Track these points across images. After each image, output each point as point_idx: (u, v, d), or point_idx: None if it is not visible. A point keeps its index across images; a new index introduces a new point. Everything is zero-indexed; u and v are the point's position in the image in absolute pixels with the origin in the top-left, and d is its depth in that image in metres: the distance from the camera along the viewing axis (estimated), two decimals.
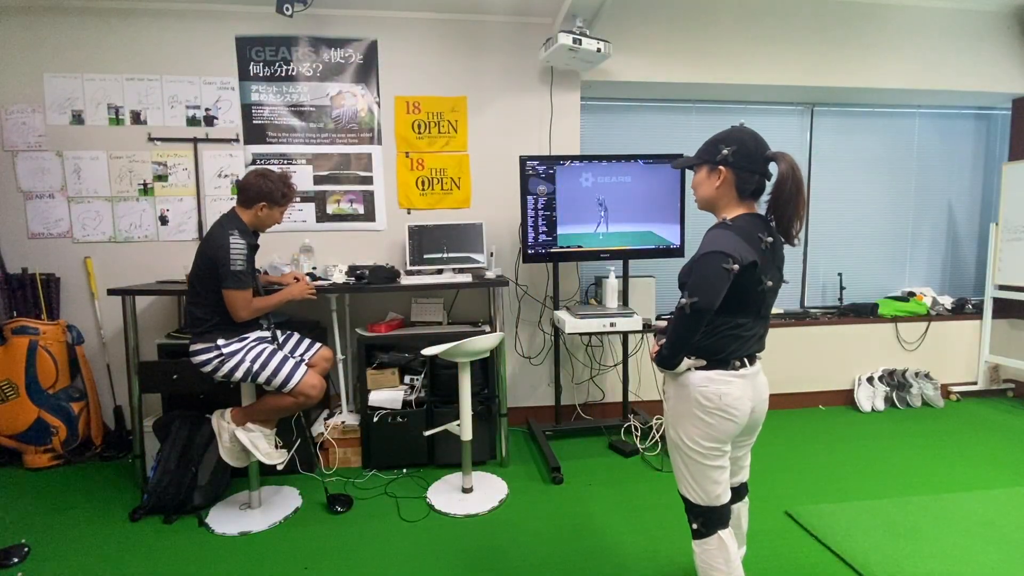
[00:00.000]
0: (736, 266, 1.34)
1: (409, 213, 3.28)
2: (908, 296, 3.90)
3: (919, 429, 3.34)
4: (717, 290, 1.35)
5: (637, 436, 3.08)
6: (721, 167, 1.46)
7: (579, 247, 2.99)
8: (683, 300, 1.38)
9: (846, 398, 3.81)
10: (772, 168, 1.46)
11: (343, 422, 2.91)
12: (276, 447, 2.36)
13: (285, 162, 3.15)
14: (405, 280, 2.86)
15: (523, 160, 2.89)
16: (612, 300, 2.97)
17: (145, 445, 2.65)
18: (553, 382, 3.37)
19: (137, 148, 3.05)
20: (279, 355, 2.26)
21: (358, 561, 2.08)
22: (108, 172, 3.04)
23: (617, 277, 3.03)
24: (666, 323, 1.61)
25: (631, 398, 3.42)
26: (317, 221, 3.21)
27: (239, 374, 2.20)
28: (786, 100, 3.75)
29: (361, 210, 3.24)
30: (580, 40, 2.84)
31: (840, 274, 3.92)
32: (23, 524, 2.36)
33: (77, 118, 3.00)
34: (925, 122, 3.94)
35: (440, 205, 3.30)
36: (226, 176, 3.12)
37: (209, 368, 2.20)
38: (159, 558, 2.11)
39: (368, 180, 3.23)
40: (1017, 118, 3.84)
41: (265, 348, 2.26)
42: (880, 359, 3.82)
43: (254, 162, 3.13)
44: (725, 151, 1.45)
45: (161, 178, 3.07)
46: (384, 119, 3.21)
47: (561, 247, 2.98)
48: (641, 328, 2.79)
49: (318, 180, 3.19)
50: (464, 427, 2.50)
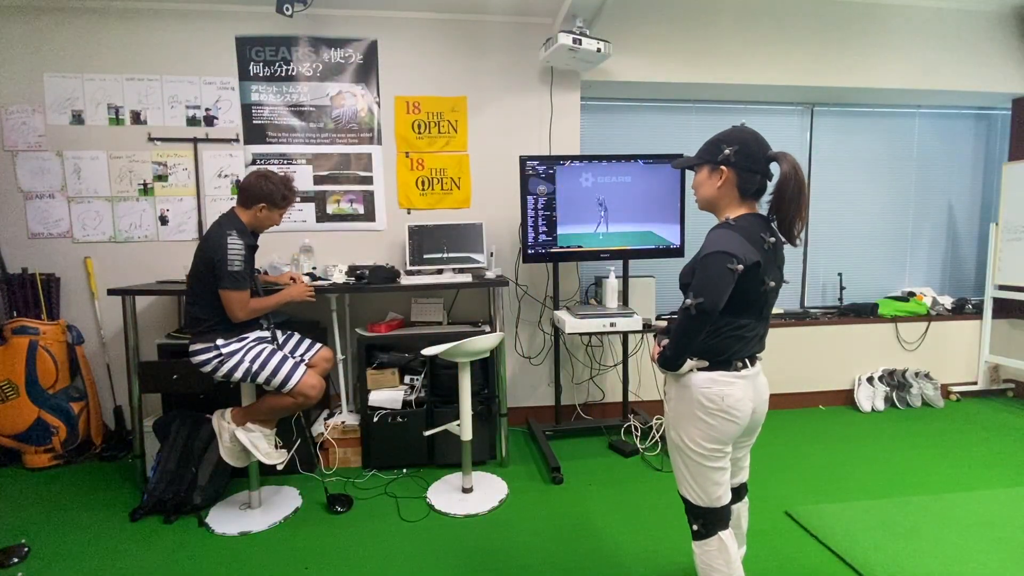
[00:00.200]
0: (740, 266, 1.33)
1: (409, 213, 3.28)
2: (908, 296, 3.90)
3: (919, 429, 3.34)
4: (722, 291, 1.33)
5: (637, 436, 3.08)
6: (723, 167, 1.45)
7: (579, 247, 2.99)
8: (688, 301, 1.36)
9: (846, 398, 3.81)
10: (773, 168, 1.46)
11: (343, 422, 2.91)
12: (276, 447, 2.36)
13: (285, 162, 3.15)
14: (405, 280, 2.86)
15: (523, 160, 2.89)
16: (612, 300, 2.97)
17: (145, 445, 2.65)
18: (553, 382, 3.37)
19: (137, 148, 3.05)
20: (278, 355, 2.26)
21: (358, 561, 2.08)
22: (108, 172, 3.04)
23: (617, 277, 3.03)
24: (666, 323, 1.61)
25: (631, 398, 3.42)
26: (317, 221, 3.21)
27: (238, 374, 2.20)
28: (786, 100, 3.75)
29: (361, 210, 3.24)
30: (580, 40, 2.84)
31: (840, 274, 3.92)
32: (23, 524, 2.36)
33: (77, 118, 3.00)
34: (925, 122, 3.94)
35: (440, 205, 3.30)
36: (226, 176, 3.12)
37: (208, 368, 2.20)
38: (159, 558, 2.11)
39: (368, 180, 3.23)
40: (1017, 118, 3.84)
41: (264, 348, 2.26)
42: (880, 359, 3.82)
43: (254, 162, 3.13)
44: (727, 151, 1.44)
45: (161, 178, 3.07)
46: (384, 119, 3.21)
47: (561, 247, 2.98)
48: (641, 328, 2.78)
49: (318, 180, 3.19)
50: (464, 427, 2.50)
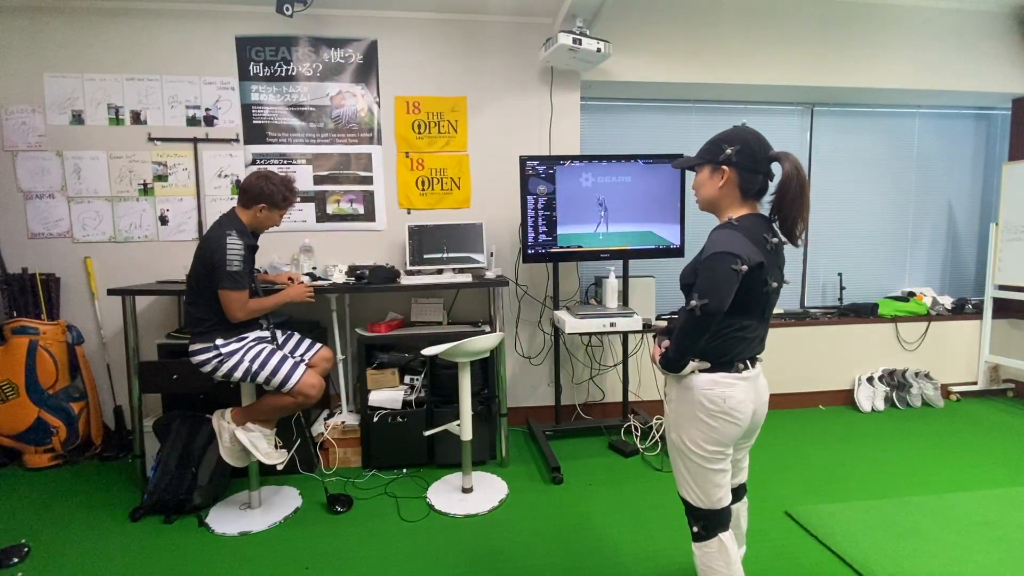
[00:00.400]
0: (744, 267, 1.32)
1: (409, 213, 3.28)
2: (908, 296, 3.90)
3: (919, 429, 3.34)
4: (726, 292, 1.32)
5: (637, 436, 3.08)
6: (725, 167, 1.44)
7: (579, 247, 2.99)
8: (692, 302, 1.34)
9: (846, 398, 3.81)
10: (774, 168, 1.45)
11: (343, 422, 2.91)
12: (276, 447, 2.36)
13: (285, 162, 3.15)
14: (405, 280, 2.86)
15: (523, 160, 2.89)
16: (612, 300, 2.97)
17: (145, 445, 2.65)
18: (553, 382, 3.37)
19: (137, 148, 3.05)
20: (278, 355, 2.26)
21: (358, 561, 2.08)
22: (108, 172, 3.04)
23: (617, 277, 3.03)
24: (667, 323, 1.60)
25: (631, 398, 3.42)
26: (317, 221, 3.21)
27: (238, 374, 2.20)
28: (786, 100, 3.75)
29: (361, 210, 3.24)
30: (580, 40, 2.84)
31: (840, 274, 3.92)
32: (23, 524, 2.36)
33: (77, 118, 3.00)
34: (925, 122, 3.94)
35: (440, 205, 3.30)
36: (226, 176, 3.12)
37: (208, 368, 2.20)
38: (159, 558, 2.11)
39: (368, 180, 3.23)
40: (1017, 118, 3.84)
41: (264, 348, 2.26)
42: (880, 359, 3.82)
43: (254, 162, 3.13)
44: (729, 151, 1.43)
45: (161, 178, 3.07)
46: (384, 119, 3.21)
47: (561, 247, 2.98)
48: (641, 328, 2.78)
49: (318, 180, 3.19)
50: (464, 427, 2.50)
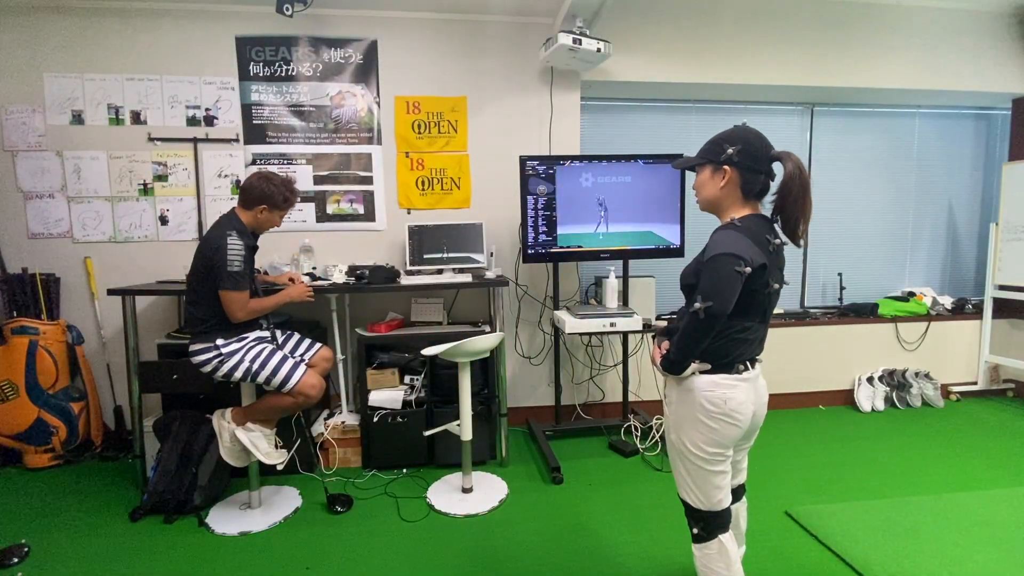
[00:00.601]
0: (748, 269, 1.31)
1: (409, 213, 3.28)
2: (908, 296, 3.90)
3: (919, 429, 3.34)
4: (731, 294, 1.31)
5: (637, 436, 3.08)
6: (726, 167, 1.43)
7: (579, 247, 2.99)
8: (697, 305, 1.33)
9: (846, 398, 3.81)
10: (775, 168, 1.45)
11: (343, 422, 2.91)
12: (276, 447, 2.36)
13: (285, 162, 3.15)
14: (405, 280, 2.86)
15: (523, 160, 2.89)
16: (612, 300, 2.97)
17: (145, 445, 2.64)
18: (553, 382, 3.37)
19: (137, 148, 3.05)
20: (278, 355, 2.26)
21: (358, 561, 2.08)
22: (108, 172, 3.04)
23: (617, 277, 3.03)
24: (666, 323, 1.60)
25: (631, 398, 3.42)
26: (317, 221, 3.21)
27: (238, 374, 2.20)
28: (786, 100, 3.74)
29: (361, 210, 3.24)
30: (580, 40, 2.84)
31: (840, 274, 3.92)
32: (23, 524, 2.36)
33: (77, 118, 3.00)
34: (925, 122, 3.94)
35: (440, 205, 3.30)
36: (226, 176, 3.12)
37: (209, 368, 2.20)
38: (159, 558, 2.11)
39: (368, 180, 3.23)
40: (1017, 118, 3.84)
41: (264, 348, 2.26)
42: (880, 359, 3.82)
43: (254, 162, 3.13)
44: (730, 150, 1.41)
45: (161, 178, 3.07)
46: (384, 119, 3.21)
47: (561, 247, 2.98)
48: (641, 328, 2.79)
49: (318, 180, 3.19)
50: (464, 427, 2.50)
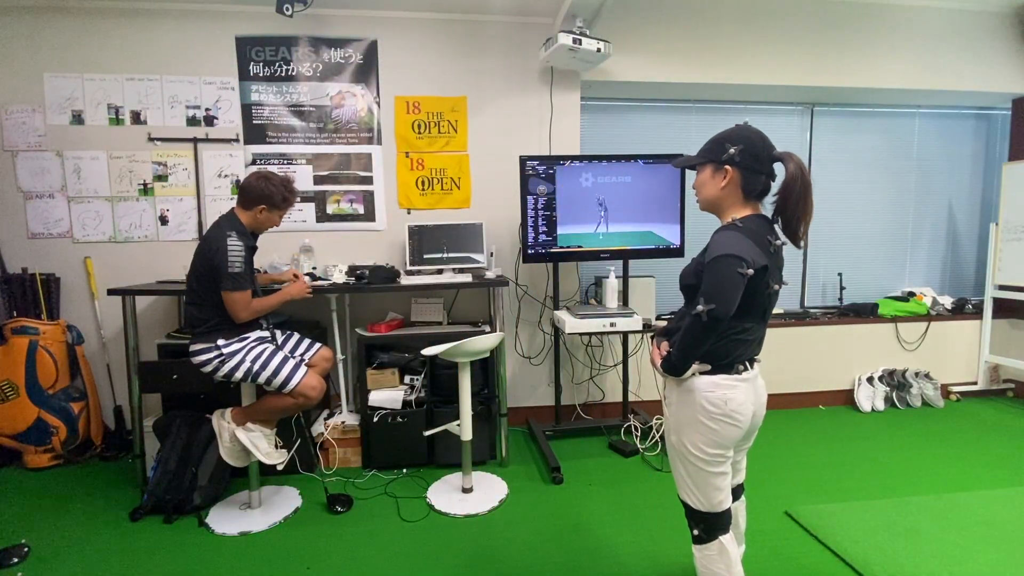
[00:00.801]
0: (751, 271, 1.30)
1: (409, 213, 3.28)
2: (908, 296, 3.90)
3: (919, 429, 3.34)
4: (733, 296, 1.31)
5: (637, 436, 3.08)
6: (727, 167, 1.42)
7: (579, 247, 2.99)
8: (699, 307, 1.32)
9: (846, 398, 3.81)
10: (776, 168, 1.44)
11: (343, 422, 2.91)
12: (276, 447, 2.36)
13: (285, 162, 3.15)
14: (405, 280, 2.86)
15: (523, 160, 2.89)
16: (612, 300, 2.97)
17: (145, 445, 2.65)
18: (553, 382, 3.37)
19: (137, 148, 3.05)
20: (279, 355, 2.26)
21: (358, 561, 2.08)
22: (108, 172, 3.04)
23: (617, 277, 3.03)
24: (666, 324, 1.59)
25: (631, 398, 3.42)
26: (317, 221, 3.21)
27: (239, 374, 2.20)
28: (786, 100, 3.75)
29: (361, 210, 3.24)
30: (580, 40, 2.84)
31: (840, 274, 3.92)
32: (23, 524, 2.36)
33: (77, 118, 3.00)
34: (925, 122, 3.94)
35: (440, 205, 3.30)
36: (226, 176, 3.12)
37: (209, 368, 2.20)
38: (159, 558, 2.11)
39: (368, 180, 3.23)
40: (1017, 118, 3.84)
41: (265, 348, 2.26)
42: (880, 359, 3.82)
43: (254, 162, 3.13)
44: (732, 150, 1.40)
45: (161, 178, 3.07)
46: (384, 119, 3.21)
47: (561, 247, 2.98)
48: (641, 328, 2.79)
49: (318, 180, 3.19)
50: (464, 427, 2.50)
